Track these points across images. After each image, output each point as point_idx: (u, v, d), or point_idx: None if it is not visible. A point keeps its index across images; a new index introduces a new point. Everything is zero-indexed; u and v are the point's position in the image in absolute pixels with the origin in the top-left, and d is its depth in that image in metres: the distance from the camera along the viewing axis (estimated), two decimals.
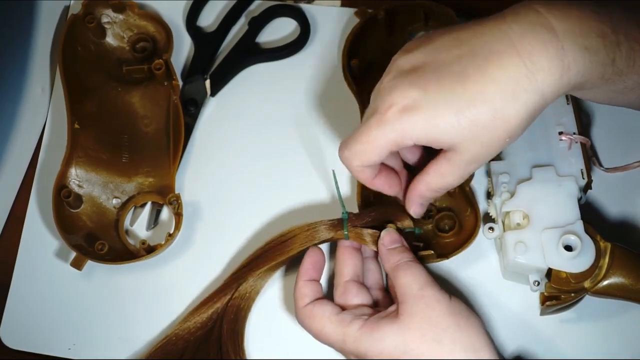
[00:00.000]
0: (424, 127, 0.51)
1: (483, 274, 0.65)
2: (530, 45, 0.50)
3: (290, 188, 0.69)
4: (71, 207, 0.68)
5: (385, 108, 0.52)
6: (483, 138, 0.51)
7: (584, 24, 0.50)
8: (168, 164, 0.70)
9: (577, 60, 0.50)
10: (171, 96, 0.71)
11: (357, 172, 0.57)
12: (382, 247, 0.61)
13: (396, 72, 0.54)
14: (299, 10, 0.74)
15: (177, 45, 0.73)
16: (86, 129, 0.70)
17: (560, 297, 0.59)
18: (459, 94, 0.50)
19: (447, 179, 0.55)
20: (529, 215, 0.60)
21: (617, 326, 0.63)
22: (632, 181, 0.66)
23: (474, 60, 0.51)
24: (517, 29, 0.50)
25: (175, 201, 0.68)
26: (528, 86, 0.50)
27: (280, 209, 0.69)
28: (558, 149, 0.63)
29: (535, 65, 0.49)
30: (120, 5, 0.72)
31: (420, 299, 0.55)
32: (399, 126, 0.52)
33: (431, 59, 0.52)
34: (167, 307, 0.67)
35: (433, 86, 0.51)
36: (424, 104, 0.51)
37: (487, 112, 0.50)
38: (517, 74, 0.50)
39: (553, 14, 0.50)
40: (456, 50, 0.52)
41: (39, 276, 0.69)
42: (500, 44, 0.50)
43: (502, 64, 0.50)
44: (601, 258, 0.58)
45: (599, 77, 0.51)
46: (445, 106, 0.51)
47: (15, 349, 0.67)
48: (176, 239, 0.67)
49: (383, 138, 0.53)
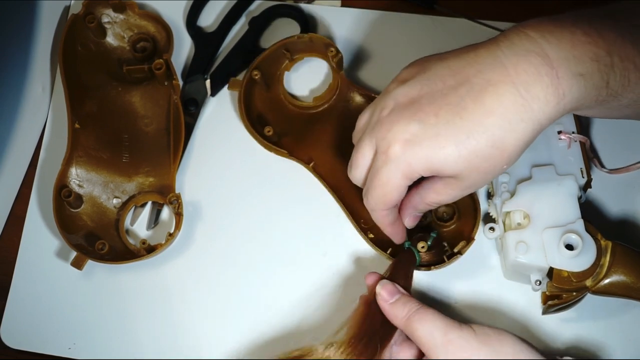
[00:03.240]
0: (426, 160, 0.52)
1: (484, 275, 0.65)
2: (525, 74, 0.50)
3: (290, 187, 0.69)
4: (72, 207, 0.68)
5: (386, 146, 0.53)
6: (482, 167, 0.52)
7: (577, 48, 0.50)
8: (168, 163, 0.70)
9: (572, 87, 0.50)
10: (171, 96, 0.71)
11: (381, 217, 0.58)
12: (384, 303, 0.58)
13: (394, 104, 0.54)
14: (299, 10, 0.74)
15: (177, 45, 0.73)
16: (87, 128, 0.70)
17: (562, 296, 0.59)
18: (458, 126, 0.51)
19: (442, 197, 0.56)
20: (529, 215, 0.60)
21: (618, 325, 0.63)
22: (631, 179, 0.66)
23: (470, 91, 0.51)
24: (511, 56, 0.50)
25: (175, 201, 0.68)
26: (524, 115, 0.50)
27: (280, 209, 0.69)
28: (557, 148, 0.63)
29: (531, 94, 0.50)
30: (120, 5, 0.72)
31: (449, 345, 0.54)
32: (404, 162, 0.52)
33: (427, 90, 0.53)
34: (167, 307, 0.67)
35: (432, 119, 0.51)
36: (425, 137, 0.52)
37: (485, 143, 0.50)
38: (514, 104, 0.50)
39: (546, 40, 0.50)
40: (451, 80, 0.52)
41: (39, 276, 0.69)
42: (494, 72, 0.50)
43: (498, 94, 0.50)
44: (602, 256, 0.59)
45: (593, 100, 0.51)
46: (445, 138, 0.51)
47: (15, 349, 0.67)
48: (176, 239, 0.67)
49: (394, 176, 0.53)
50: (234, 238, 0.68)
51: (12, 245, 0.70)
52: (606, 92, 0.51)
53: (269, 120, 0.70)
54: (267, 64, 0.70)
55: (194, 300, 0.67)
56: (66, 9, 0.76)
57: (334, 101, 0.70)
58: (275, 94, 0.71)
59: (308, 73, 0.73)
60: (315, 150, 0.69)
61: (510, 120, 0.50)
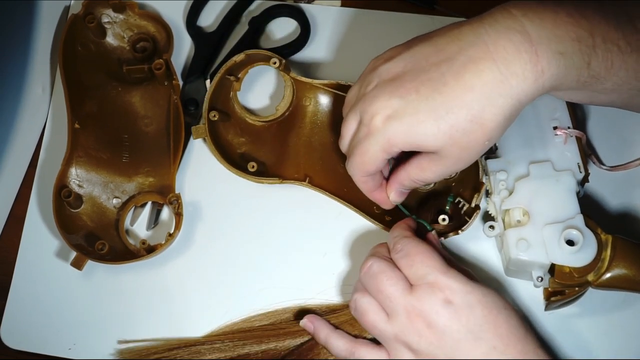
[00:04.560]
0: (406, 135, 0.53)
1: (485, 272, 0.65)
2: (505, 51, 0.51)
3: (290, 187, 0.69)
4: (71, 207, 0.68)
5: (369, 119, 0.55)
6: (462, 142, 0.52)
7: (559, 28, 0.51)
8: (168, 163, 0.70)
9: (551, 64, 0.51)
10: (171, 96, 0.71)
11: (360, 182, 0.60)
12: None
13: (378, 80, 0.55)
14: (299, 10, 0.74)
15: (177, 45, 0.73)
16: (86, 128, 0.70)
17: (564, 291, 0.59)
18: (438, 101, 0.52)
19: (427, 173, 0.56)
20: (528, 212, 0.61)
21: (622, 319, 0.63)
22: (628, 172, 0.66)
23: (451, 67, 0.52)
24: (492, 33, 0.51)
25: (175, 201, 0.68)
26: (503, 91, 0.51)
27: (280, 208, 0.69)
28: (554, 144, 0.64)
29: (510, 70, 0.50)
30: (120, 5, 0.72)
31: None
32: (384, 135, 0.54)
33: (410, 66, 0.54)
34: (167, 307, 0.67)
35: (413, 94, 0.52)
36: (405, 113, 0.53)
37: (464, 118, 0.51)
38: (492, 80, 0.51)
39: (528, 18, 0.51)
40: (434, 57, 0.53)
41: (39, 276, 0.69)
42: (475, 49, 0.51)
43: (478, 70, 0.51)
44: (603, 251, 0.59)
45: (574, 80, 0.52)
46: (425, 113, 0.52)
47: (15, 349, 0.67)
48: (177, 239, 0.67)
49: (373, 148, 0.55)
50: (234, 238, 0.68)
51: (12, 246, 0.70)
52: (587, 72, 0.52)
53: (246, 148, 0.70)
54: (218, 98, 0.70)
55: (194, 300, 0.67)
56: (66, 9, 0.76)
57: (297, 102, 0.70)
58: (239, 119, 0.70)
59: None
60: (303, 161, 0.69)
61: (489, 95, 0.51)
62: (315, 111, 0.70)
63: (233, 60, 0.69)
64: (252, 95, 0.72)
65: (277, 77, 0.73)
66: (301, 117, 0.70)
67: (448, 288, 0.55)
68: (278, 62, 0.68)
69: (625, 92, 0.54)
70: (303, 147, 0.69)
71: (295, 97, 0.70)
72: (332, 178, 0.68)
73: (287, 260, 0.68)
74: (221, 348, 0.64)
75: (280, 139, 0.70)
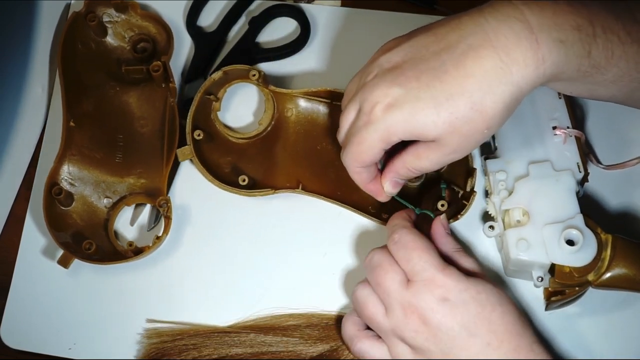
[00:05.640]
0: (406, 123, 0.53)
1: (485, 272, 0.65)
2: (505, 39, 0.51)
3: (284, 195, 0.68)
4: (62, 205, 0.68)
5: (369, 108, 0.54)
6: (462, 130, 0.52)
7: (559, 16, 0.51)
8: (161, 166, 0.69)
9: (552, 52, 0.51)
10: (168, 99, 0.71)
11: (355, 173, 0.59)
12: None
13: (378, 70, 0.55)
14: (299, 10, 0.74)
15: (177, 45, 0.73)
16: (82, 127, 0.70)
17: (564, 291, 0.59)
18: (438, 89, 0.52)
19: (423, 161, 0.56)
20: (528, 212, 0.61)
21: (622, 319, 0.63)
22: (628, 171, 0.67)
23: (452, 56, 0.52)
24: (493, 22, 0.52)
25: (165, 204, 0.67)
26: (504, 78, 0.51)
27: (275, 213, 0.69)
28: (553, 143, 0.64)
29: (510, 58, 0.51)
30: (122, 5, 0.72)
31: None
32: (383, 124, 0.54)
33: (410, 55, 0.54)
34: (167, 308, 0.67)
35: (413, 83, 0.53)
36: (405, 101, 0.53)
37: (465, 105, 0.51)
38: (493, 67, 0.51)
39: (528, 7, 0.51)
40: (434, 46, 0.53)
41: (39, 276, 0.68)
42: (476, 37, 0.52)
43: (479, 57, 0.51)
44: (603, 250, 0.59)
45: (575, 69, 0.52)
46: (425, 102, 0.52)
47: (15, 349, 0.67)
48: (165, 242, 0.67)
49: (371, 137, 0.55)
50: (222, 242, 0.68)
51: (12, 245, 0.70)
52: (588, 62, 0.52)
53: (234, 166, 0.69)
54: (200, 117, 0.69)
55: (194, 300, 0.67)
56: (66, 8, 0.76)
57: (279, 115, 0.70)
58: (223, 139, 0.70)
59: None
60: (293, 170, 0.69)
61: (489, 83, 0.51)
62: (297, 120, 0.70)
63: (212, 79, 0.69)
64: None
65: (258, 92, 0.72)
66: (285, 128, 0.70)
67: (444, 285, 0.55)
68: (257, 73, 0.68)
69: (626, 85, 0.54)
70: (290, 157, 0.69)
71: (276, 110, 0.70)
72: (324, 182, 0.68)
73: (286, 260, 0.67)
74: (246, 342, 0.64)
75: (267, 152, 0.70)
